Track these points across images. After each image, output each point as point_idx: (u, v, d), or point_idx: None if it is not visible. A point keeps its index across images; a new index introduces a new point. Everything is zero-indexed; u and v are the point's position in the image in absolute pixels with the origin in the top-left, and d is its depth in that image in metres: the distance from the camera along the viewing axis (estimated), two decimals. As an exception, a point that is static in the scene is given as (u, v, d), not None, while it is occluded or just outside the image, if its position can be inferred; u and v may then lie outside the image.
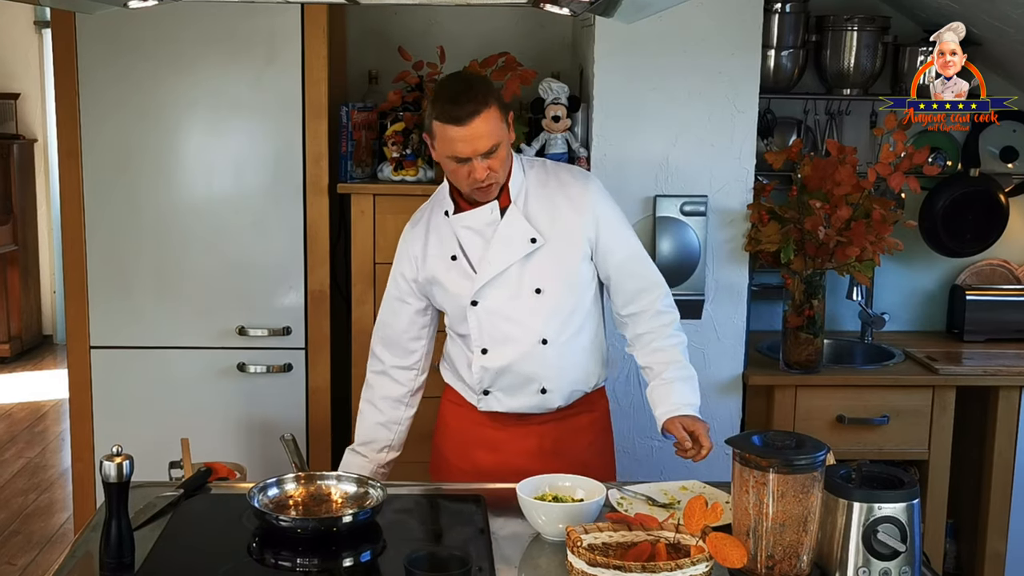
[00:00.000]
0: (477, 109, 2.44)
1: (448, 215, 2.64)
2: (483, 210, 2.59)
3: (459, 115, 2.45)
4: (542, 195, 2.62)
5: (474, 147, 2.46)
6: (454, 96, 2.48)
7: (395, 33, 3.99)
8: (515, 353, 2.60)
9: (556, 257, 2.59)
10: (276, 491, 2.31)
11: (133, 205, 3.50)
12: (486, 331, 2.62)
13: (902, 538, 1.96)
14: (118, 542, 2.04)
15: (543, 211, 2.60)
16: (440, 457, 2.81)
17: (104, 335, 3.55)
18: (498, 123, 2.48)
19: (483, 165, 2.48)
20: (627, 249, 2.67)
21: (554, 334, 2.60)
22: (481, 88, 2.50)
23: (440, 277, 2.64)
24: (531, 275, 2.59)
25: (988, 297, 4.10)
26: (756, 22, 3.48)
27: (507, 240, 2.58)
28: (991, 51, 3.80)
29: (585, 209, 2.61)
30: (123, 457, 2.06)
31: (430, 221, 2.69)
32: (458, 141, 2.46)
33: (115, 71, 3.43)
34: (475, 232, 2.60)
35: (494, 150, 2.48)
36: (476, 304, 2.60)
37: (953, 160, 4.12)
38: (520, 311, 2.59)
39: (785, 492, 1.93)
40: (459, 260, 2.62)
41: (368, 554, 2.17)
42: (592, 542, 1.97)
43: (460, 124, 2.45)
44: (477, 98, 2.46)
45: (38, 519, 4.87)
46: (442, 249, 2.64)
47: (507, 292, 2.59)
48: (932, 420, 3.64)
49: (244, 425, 3.59)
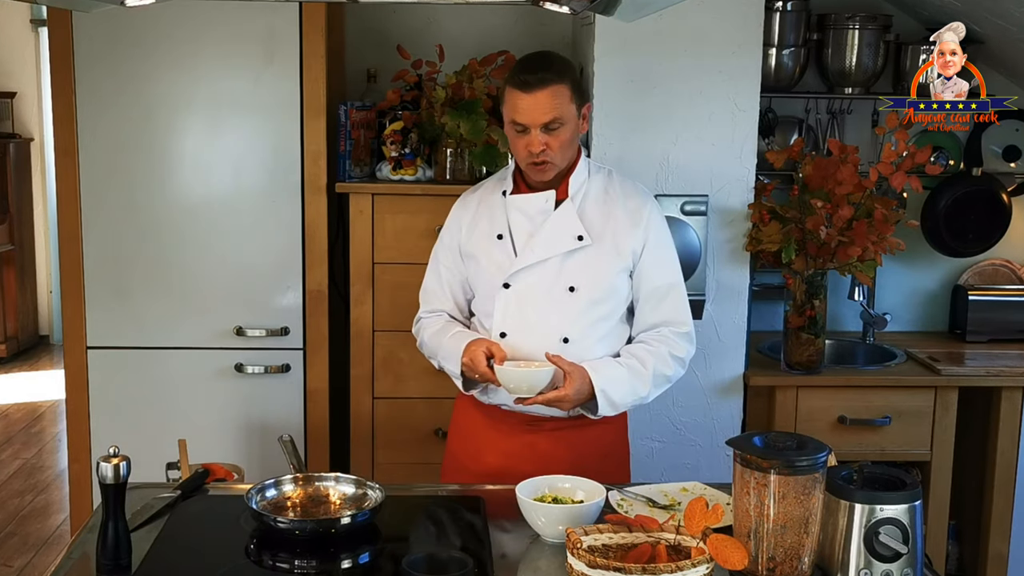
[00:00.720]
0: (547, 79, 2.48)
1: (505, 195, 2.65)
2: (539, 197, 2.60)
3: (528, 80, 2.49)
4: (601, 200, 2.63)
5: (534, 116, 2.48)
6: (529, 63, 2.53)
7: (394, 31, 3.99)
8: (533, 346, 2.58)
9: (598, 261, 2.59)
10: (274, 492, 2.31)
11: (130, 204, 3.50)
12: (511, 316, 2.60)
13: (904, 540, 1.96)
14: (115, 544, 2.04)
15: (597, 215, 2.61)
16: (452, 459, 2.80)
17: (101, 335, 3.55)
18: (566, 102, 2.50)
19: (541, 138, 2.50)
20: (666, 278, 2.65)
21: (577, 335, 2.59)
22: (560, 64, 2.54)
23: (481, 252, 2.65)
24: (569, 272, 2.58)
25: (991, 297, 4.10)
26: (757, 20, 3.48)
27: (555, 232, 2.59)
28: (994, 50, 3.80)
29: (640, 224, 2.62)
30: (120, 458, 2.05)
31: (484, 196, 2.71)
32: (521, 107, 2.50)
33: (112, 70, 3.43)
34: (526, 216, 2.61)
35: (555, 126, 2.50)
36: (508, 287, 2.60)
37: (955, 159, 4.12)
38: (548, 305, 2.59)
39: (786, 493, 1.93)
40: (504, 240, 2.63)
41: (367, 556, 2.17)
42: (592, 544, 1.97)
43: (526, 89, 2.48)
44: (552, 68, 2.49)
45: (34, 521, 4.87)
46: (491, 225, 2.65)
47: (542, 283, 2.59)
48: (934, 421, 3.64)
49: (242, 426, 3.59)
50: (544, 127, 2.50)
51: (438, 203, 3.52)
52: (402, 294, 3.51)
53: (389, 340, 3.57)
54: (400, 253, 3.54)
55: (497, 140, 3.44)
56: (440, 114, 3.51)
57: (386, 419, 3.62)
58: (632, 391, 2.58)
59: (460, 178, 3.56)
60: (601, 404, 2.54)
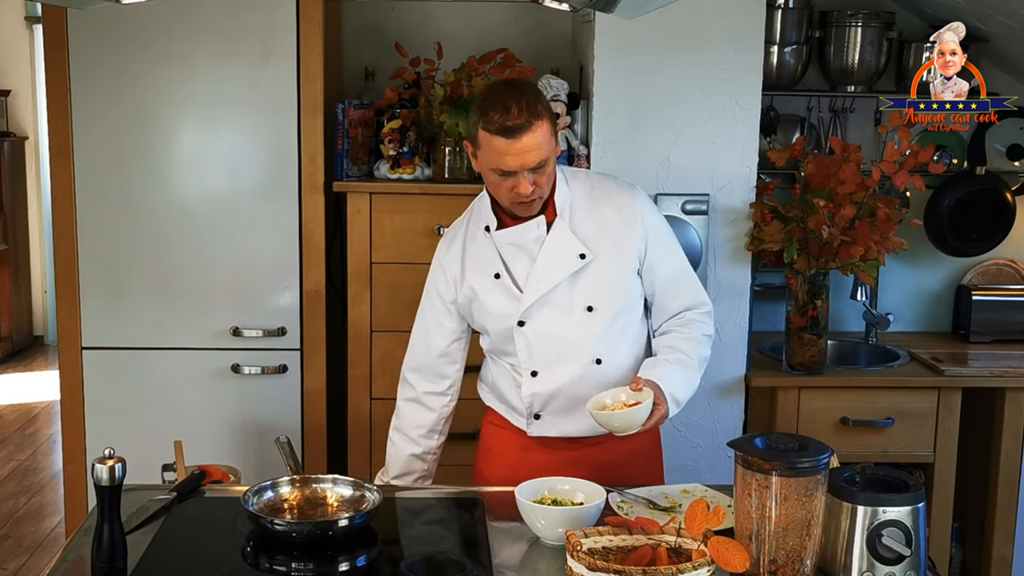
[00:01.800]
0: (530, 122, 2.35)
1: (490, 231, 2.56)
2: (529, 226, 2.51)
3: (510, 127, 2.35)
4: (589, 207, 2.55)
5: (522, 162, 2.38)
6: (506, 106, 2.36)
7: (392, 29, 3.99)
8: (568, 375, 2.53)
9: (607, 272, 2.52)
10: (271, 494, 2.31)
11: (125, 203, 3.50)
12: (536, 353, 2.54)
13: (907, 542, 1.96)
14: (110, 546, 2.04)
15: (591, 224, 2.53)
16: (484, 482, 2.69)
17: (96, 336, 3.55)
18: (548, 137, 2.40)
19: (529, 180, 2.40)
20: (675, 265, 2.61)
21: (608, 352, 2.54)
22: (534, 99, 2.40)
23: (482, 297, 2.56)
24: (581, 292, 2.51)
25: (994, 297, 4.10)
26: (759, 18, 3.48)
27: (555, 256, 2.51)
28: (998, 47, 3.80)
29: (635, 221, 2.54)
30: (115, 460, 2.05)
31: (467, 238, 2.61)
32: (506, 155, 2.37)
33: (107, 68, 3.43)
34: (520, 249, 2.52)
35: (542, 165, 2.40)
36: (523, 324, 2.52)
37: (959, 158, 4.12)
38: (571, 330, 2.52)
39: (788, 495, 1.93)
40: (503, 278, 2.53)
41: (364, 559, 2.17)
42: (592, 546, 1.97)
43: (510, 137, 2.36)
44: (530, 110, 2.36)
45: (29, 523, 4.87)
46: (483, 267, 2.56)
47: (556, 311, 2.51)
48: (937, 422, 3.64)
49: (238, 427, 3.59)
50: (531, 170, 2.39)
51: (437, 202, 3.52)
52: (400, 294, 3.52)
53: (387, 340, 3.57)
54: (398, 253, 3.53)
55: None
56: (439, 112, 3.51)
57: (384, 420, 3.58)
58: (689, 384, 2.54)
59: (459, 177, 3.56)
60: (671, 408, 2.45)
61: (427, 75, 3.65)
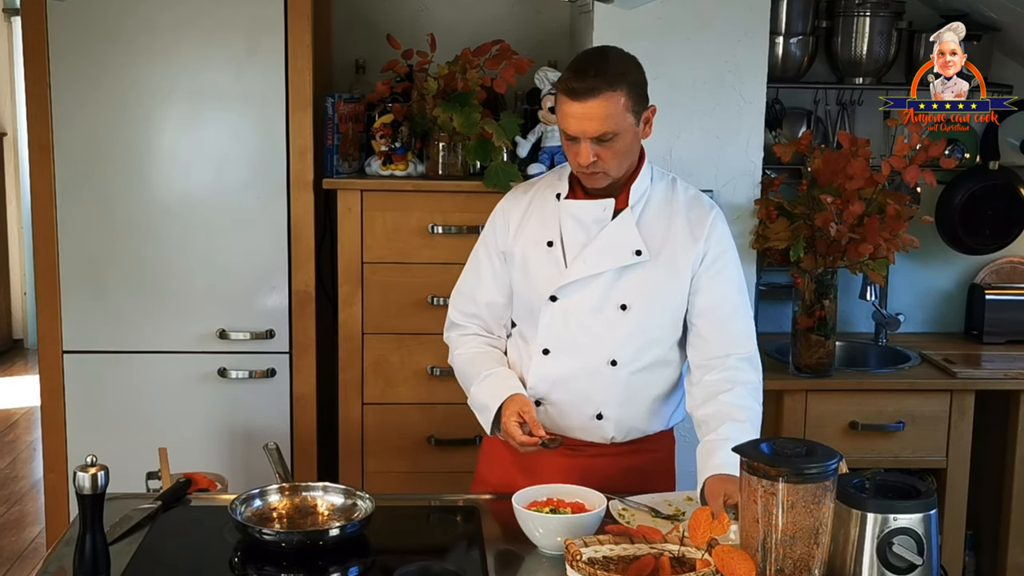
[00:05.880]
0: (598, 87, 2.36)
1: (560, 198, 2.57)
2: (596, 204, 2.51)
3: (576, 88, 2.37)
4: (663, 210, 2.54)
5: (583, 127, 2.38)
6: (581, 67, 2.40)
7: (383, 20, 3.99)
8: (578, 366, 2.53)
9: (655, 278, 2.50)
10: (259, 503, 2.31)
11: (108, 202, 3.50)
12: (555, 332, 2.54)
13: (919, 550, 1.97)
14: (92, 557, 2.04)
15: (658, 227, 2.52)
16: (482, 481, 2.72)
17: (77, 339, 3.55)
18: (621, 111, 2.39)
19: (591, 150, 2.40)
20: (725, 296, 2.53)
21: (627, 358, 2.52)
22: (616, 68, 2.41)
23: (528, 259, 2.57)
24: (622, 288, 2.50)
25: (1008, 296, 4.11)
26: (763, 7, 3.49)
27: (611, 244, 2.50)
28: (1009, 37, 3.81)
29: (701, 237, 2.52)
30: (98, 468, 2.05)
31: (536, 196, 2.62)
32: (570, 116, 2.39)
33: (88, 61, 3.43)
34: (581, 225, 2.52)
35: (608, 138, 2.39)
36: (555, 300, 2.53)
37: (971, 152, 4.12)
38: (597, 324, 2.51)
39: (795, 503, 1.93)
40: (555, 248, 2.54)
41: (356, 569, 2.17)
42: (592, 556, 1.98)
43: (575, 98, 2.37)
44: (605, 76, 2.37)
45: (8, 533, 4.87)
46: (541, 231, 2.56)
47: (591, 299, 2.51)
48: (950, 426, 3.64)
49: (225, 434, 3.59)
50: (595, 139, 2.40)
51: (430, 200, 3.52)
52: (393, 295, 3.52)
53: (379, 343, 3.57)
54: (390, 252, 3.53)
55: (492, 133, 3.44)
56: (432, 106, 3.51)
57: (376, 426, 3.62)
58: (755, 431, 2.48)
59: (453, 174, 3.56)
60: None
61: (420, 68, 3.65)
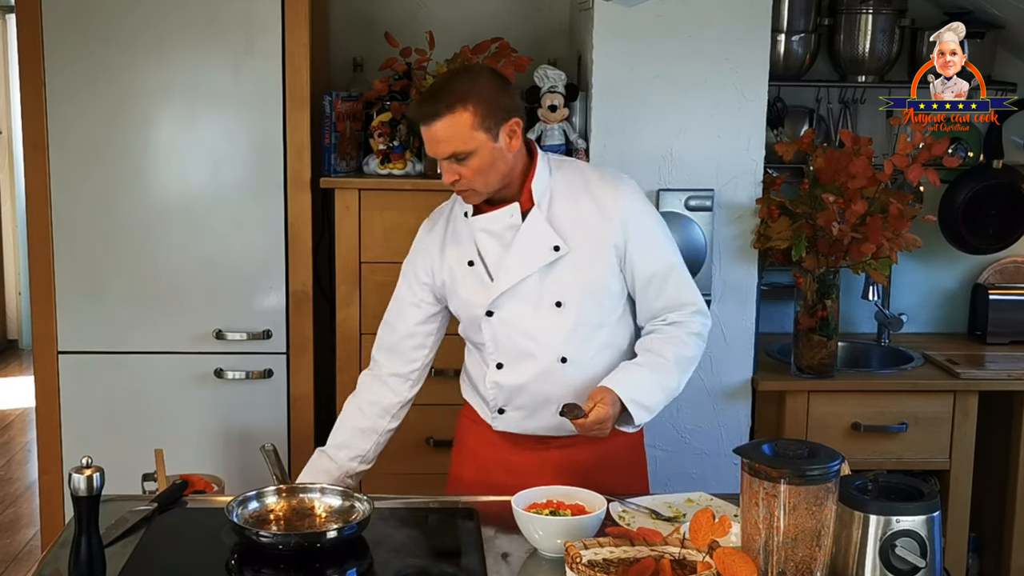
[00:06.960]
0: (437, 111, 2.40)
1: (468, 216, 2.59)
2: (502, 212, 2.53)
3: (419, 114, 2.46)
4: (568, 197, 2.55)
5: (434, 149, 2.45)
6: (427, 92, 2.50)
7: (381, 18, 3.99)
8: (532, 371, 2.55)
9: (580, 267, 2.52)
10: (256, 505, 2.31)
11: (103, 201, 3.50)
12: (502, 345, 2.57)
13: (922, 553, 1.96)
14: (88, 559, 2.04)
15: (568, 216, 2.53)
16: (457, 478, 2.77)
17: (73, 339, 3.55)
18: (467, 130, 2.41)
19: (451, 169, 2.45)
20: (659, 263, 2.57)
21: (575, 352, 2.55)
22: (461, 88, 2.42)
23: (456, 283, 2.60)
24: (552, 286, 2.52)
25: (1012, 296, 4.11)
26: (765, 5, 3.49)
27: (528, 247, 2.52)
28: (1013, 35, 3.81)
29: (614, 215, 2.53)
30: (93, 469, 2.05)
31: (449, 221, 2.65)
32: (425, 140, 2.47)
33: (84, 59, 3.43)
34: (494, 236, 2.55)
35: (463, 157, 2.43)
36: (491, 315, 2.55)
37: (975, 151, 4.11)
38: (539, 326, 2.54)
39: (797, 504, 1.93)
40: (476, 266, 2.56)
41: (354, 572, 2.17)
42: (592, 558, 1.97)
43: (421, 123, 2.46)
44: (445, 99, 2.40)
45: (3, 535, 4.87)
46: (460, 253, 2.59)
47: (525, 304, 2.53)
48: (953, 427, 3.64)
49: (222, 435, 3.59)
50: (450, 159, 2.44)
51: (428, 199, 3.50)
52: (390, 295, 3.51)
53: (377, 343, 3.57)
54: (388, 251, 3.53)
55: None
56: (431, 105, 3.51)
57: (374, 427, 3.61)
58: (661, 387, 2.53)
59: (452, 172, 3.56)
60: (636, 414, 2.47)
61: (418, 66, 3.65)
